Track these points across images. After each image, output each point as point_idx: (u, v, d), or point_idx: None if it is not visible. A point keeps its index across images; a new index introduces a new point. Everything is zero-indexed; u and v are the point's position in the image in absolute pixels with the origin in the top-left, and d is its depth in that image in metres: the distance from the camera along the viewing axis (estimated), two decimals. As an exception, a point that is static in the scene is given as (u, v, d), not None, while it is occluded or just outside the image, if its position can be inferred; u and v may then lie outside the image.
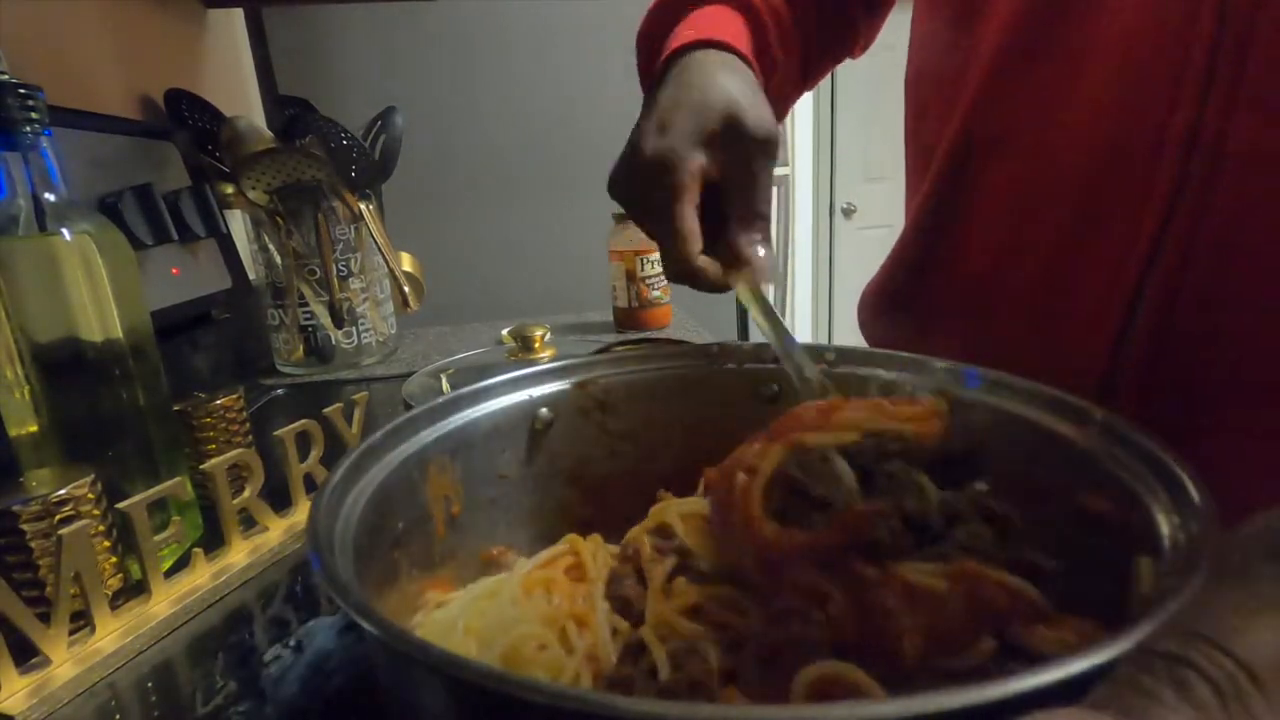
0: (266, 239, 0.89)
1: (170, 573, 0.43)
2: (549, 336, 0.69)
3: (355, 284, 0.93)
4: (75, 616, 0.38)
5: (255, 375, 0.94)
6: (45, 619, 0.36)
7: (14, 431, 0.44)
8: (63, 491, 0.40)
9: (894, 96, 0.56)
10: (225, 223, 0.94)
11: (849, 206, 2.90)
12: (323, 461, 0.52)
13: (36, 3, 0.71)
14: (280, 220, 0.87)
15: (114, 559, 0.42)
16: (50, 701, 0.36)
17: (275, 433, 0.50)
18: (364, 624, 0.21)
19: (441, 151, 1.35)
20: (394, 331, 1.02)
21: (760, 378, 0.44)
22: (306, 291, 0.90)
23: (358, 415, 0.55)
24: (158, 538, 0.42)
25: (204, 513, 0.51)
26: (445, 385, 0.63)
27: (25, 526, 0.38)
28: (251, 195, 0.85)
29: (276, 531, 0.49)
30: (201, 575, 0.45)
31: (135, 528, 0.40)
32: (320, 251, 0.90)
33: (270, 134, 0.90)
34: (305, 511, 0.42)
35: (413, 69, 1.32)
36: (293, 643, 0.38)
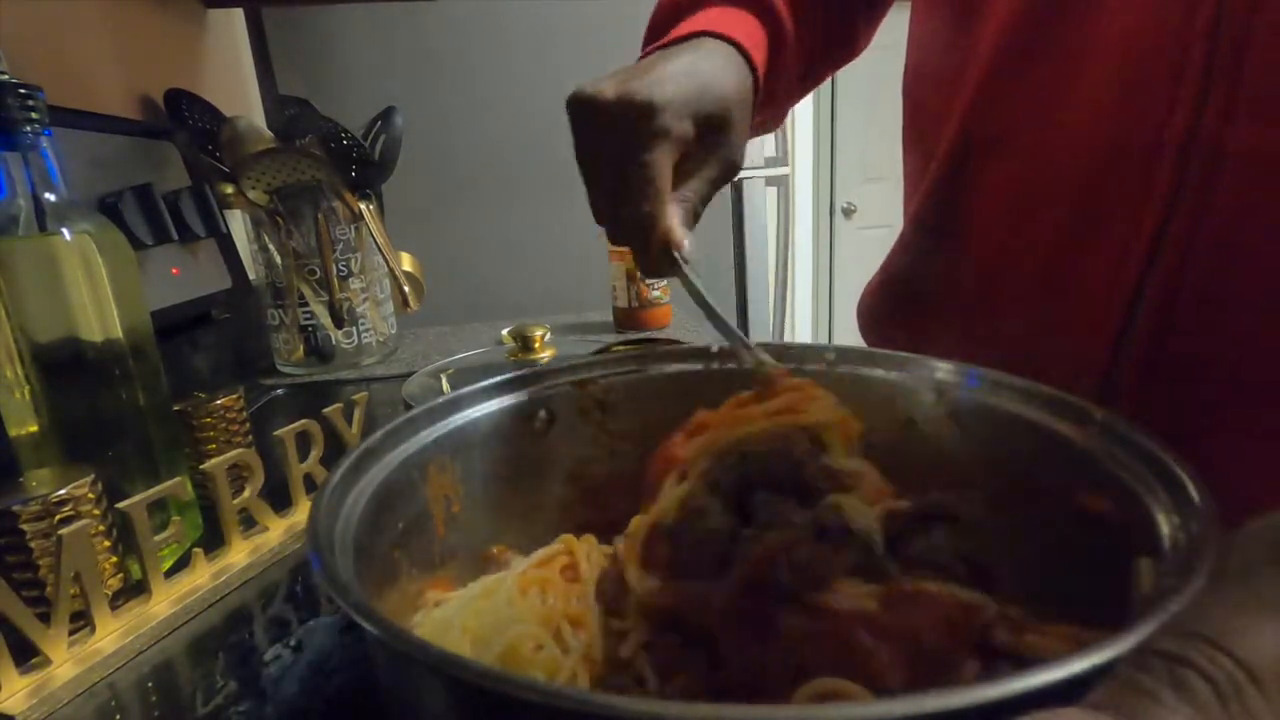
0: (266, 239, 0.89)
1: (170, 573, 0.43)
2: (549, 336, 0.69)
3: (355, 284, 0.93)
4: (75, 616, 0.38)
5: (255, 375, 0.93)
6: (45, 619, 0.36)
7: (14, 431, 0.44)
8: (63, 491, 0.40)
9: (894, 96, 0.56)
10: (225, 223, 0.93)
11: (849, 206, 2.90)
12: (323, 461, 0.52)
13: (36, 3, 0.71)
14: (280, 220, 0.87)
15: (114, 559, 0.42)
16: (50, 701, 0.35)
17: (275, 433, 0.50)
18: (364, 624, 0.21)
19: (441, 151, 1.35)
20: (394, 331, 1.02)
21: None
22: (306, 291, 0.90)
23: (358, 415, 0.55)
24: (158, 538, 0.42)
25: (204, 513, 0.51)
26: (445, 385, 0.63)
27: (25, 526, 0.38)
28: (251, 195, 0.85)
29: (276, 531, 0.49)
30: (201, 575, 0.45)
31: (135, 528, 0.40)
32: (320, 251, 0.90)
33: (270, 134, 0.90)
34: (305, 511, 0.42)
35: (413, 69, 1.32)
36: (293, 643, 0.38)
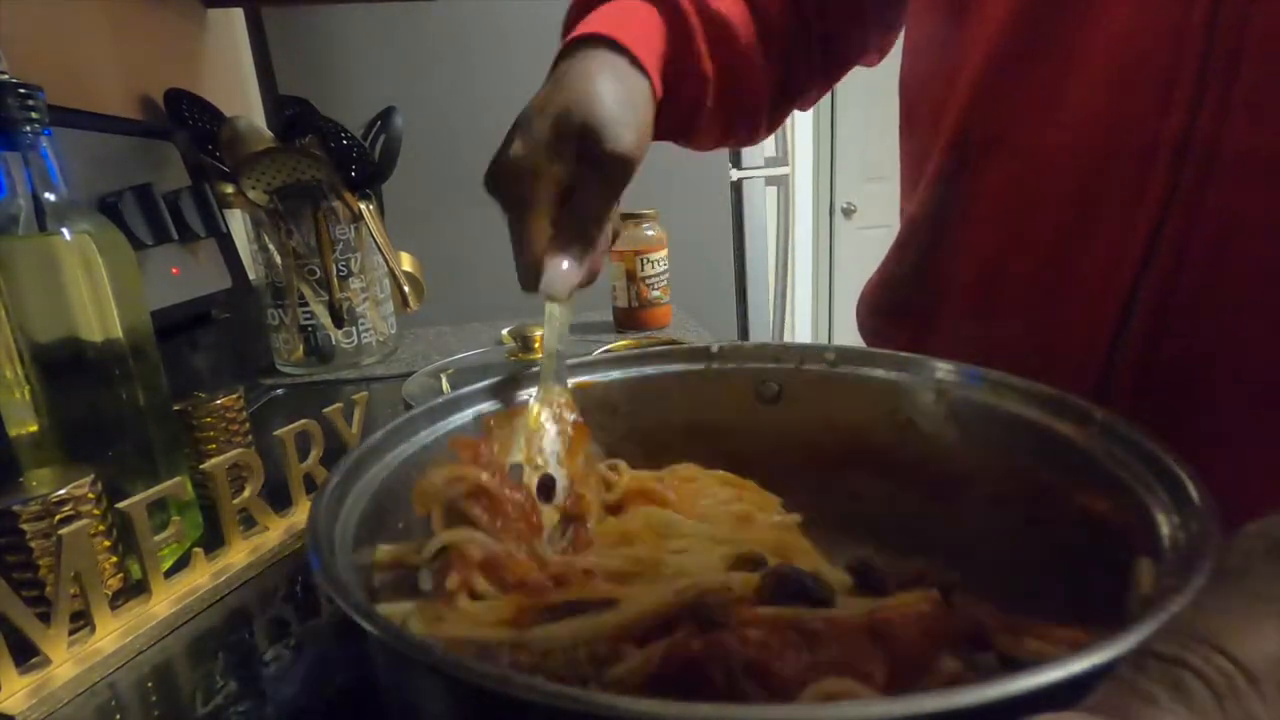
0: (266, 239, 0.89)
1: (170, 573, 0.43)
2: (549, 336, 0.69)
3: (355, 284, 0.93)
4: (75, 616, 0.38)
5: (255, 375, 0.93)
6: (45, 619, 0.36)
7: (14, 431, 0.44)
8: (63, 491, 0.39)
9: (894, 97, 0.55)
10: (225, 223, 0.93)
11: (849, 206, 2.90)
12: (323, 461, 0.52)
13: (36, 3, 0.71)
14: (280, 220, 0.87)
15: (114, 559, 0.42)
16: (50, 701, 0.35)
17: (275, 433, 0.50)
18: (364, 624, 0.21)
19: (441, 151, 1.35)
20: (394, 331, 1.02)
21: (760, 377, 0.44)
22: (306, 291, 0.90)
23: (358, 415, 0.55)
24: (158, 538, 0.42)
25: (204, 513, 0.51)
26: (445, 385, 0.63)
27: (25, 526, 0.38)
28: (251, 195, 0.85)
29: (276, 531, 0.49)
30: (201, 575, 0.45)
31: (135, 528, 0.40)
32: (320, 251, 0.90)
33: (270, 134, 0.90)
34: (305, 511, 0.42)
35: (413, 69, 1.31)
36: (293, 643, 0.38)
